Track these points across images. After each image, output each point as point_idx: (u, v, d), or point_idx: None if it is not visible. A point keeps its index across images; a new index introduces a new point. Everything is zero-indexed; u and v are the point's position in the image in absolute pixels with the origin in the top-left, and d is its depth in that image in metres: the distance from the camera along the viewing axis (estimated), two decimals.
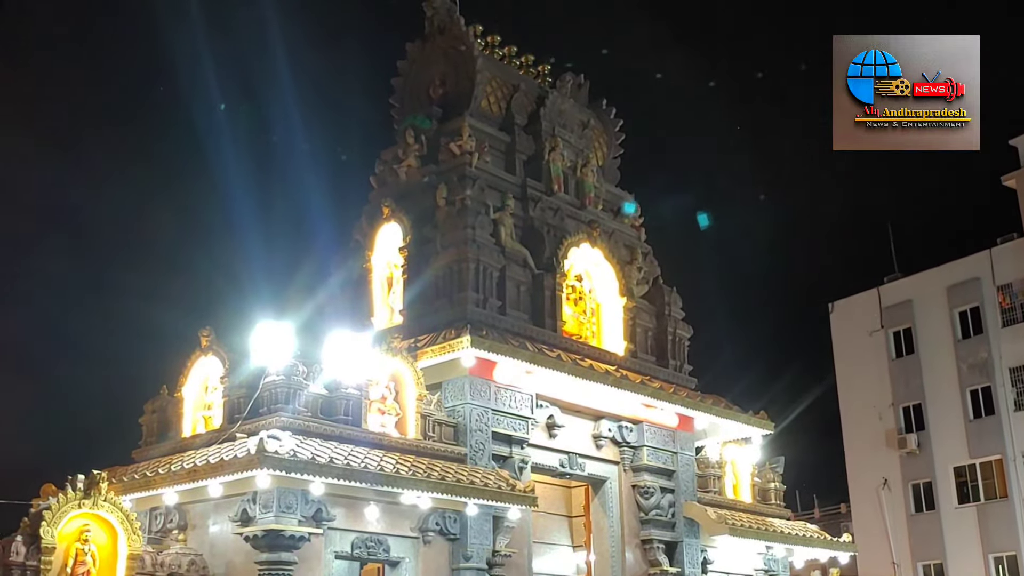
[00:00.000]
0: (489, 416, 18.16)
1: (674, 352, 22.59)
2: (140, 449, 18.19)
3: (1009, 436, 36.22)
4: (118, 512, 14.10)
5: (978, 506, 36.72)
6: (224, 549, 15.55)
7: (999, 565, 35.78)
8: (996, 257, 37.66)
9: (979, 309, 37.84)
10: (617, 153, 24.77)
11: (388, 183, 21.80)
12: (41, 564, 13.26)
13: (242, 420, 15.87)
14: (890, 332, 40.35)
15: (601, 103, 24.51)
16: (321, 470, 14.57)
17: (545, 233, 20.93)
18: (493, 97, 22.30)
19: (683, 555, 21.18)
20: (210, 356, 17.44)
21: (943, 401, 38.19)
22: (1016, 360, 36.56)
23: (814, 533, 24.87)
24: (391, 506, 16.14)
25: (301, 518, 14.90)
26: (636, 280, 22.48)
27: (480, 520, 17.19)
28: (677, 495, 21.38)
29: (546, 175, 21.86)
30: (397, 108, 23.08)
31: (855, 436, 40.89)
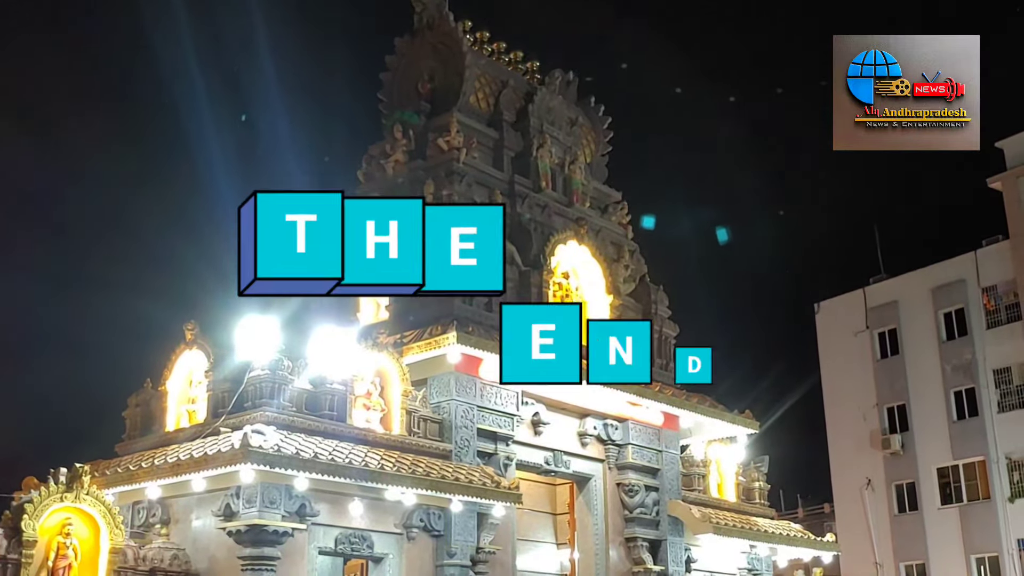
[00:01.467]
0: (474, 413, 18.14)
1: (660, 351, 22.59)
2: (123, 443, 18.09)
3: (992, 438, 36.35)
4: (100, 506, 14.04)
5: (961, 507, 36.86)
6: (207, 544, 15.49)
7: (981, 566, 35.93)
8: (981, 259, 37.79)
9: (964, 311, 37.97)
10: (605, 150, 24.77)
11: (375, 178, 21.74)
12: (22, 557, 13.19)
13: (226, 414, 15.79)
14: (875, 333, 40.46)
15: (589, 100, 24.50)
16: (305, 465, 14.52)
17: (532, 230, 20.91)
18: (482, 93, 22.28)
19: (667, 553, 21.20)
20: (195, 350, 17.35)
21: (927, 402, 38.31)
22: (1000, 362, 36.70)
23: (798, 532, 24.92)
24: (375, 502, 16.10)
25: (285, 513, 14.85)
26: (623, 278, 22.49)
27: (464, 517, 17.16)
28: (662, 493, 21.40)
29: (534, 172, 21.85)
30: (385, 103, 23.01)
31: (839, 436, 40.99)
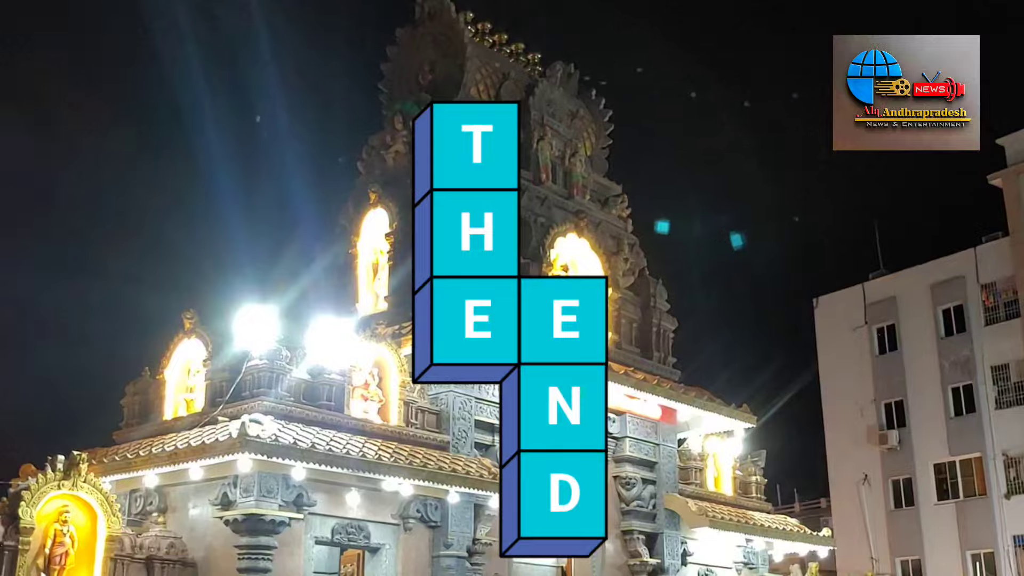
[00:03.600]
0: (472, 404, 18.15)
1: (658, 344, 22.60)
2: (121, 431, 18.10)
3: (989, 434, 36.38)
4: (98, 494, 14.04)
5: (957, 503, 36.89)
6: (204, 532, 15.51)
7: (977, 562, 35.99)
8: (981, 256, 37.77)
9: (963, 307, 37.96)
10: (606, 143, 24.72)
11: (375, 169, 21.73)
12: (19, 544, 13.20)
13: (224, 404, 15.81)
14: (874, 328, 40.46)
15: (591, 93, 24.46)
16: (303, 455, 14.53)
17: (532, 222, 20.89)
18: (482, 84, 22.23)
19: (663, 546, 21.22)
20: (193, 339, 17.36)
21: (925, 398, 38.33)
22: (998, 359, 36.71)
23: (794, 527, 24.95)
24: (372, 492, 16.11)
25: (282, 503, 14.86)
26: (622, 271, 22.47)
27: (461, 508, 17.18)
28: (658, 487, 21.42)
29: (534, 164, 21.82)
30: (385, 94, 22.98)
31: (836, 431, 41.01)
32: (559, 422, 7.47)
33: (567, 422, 7.49)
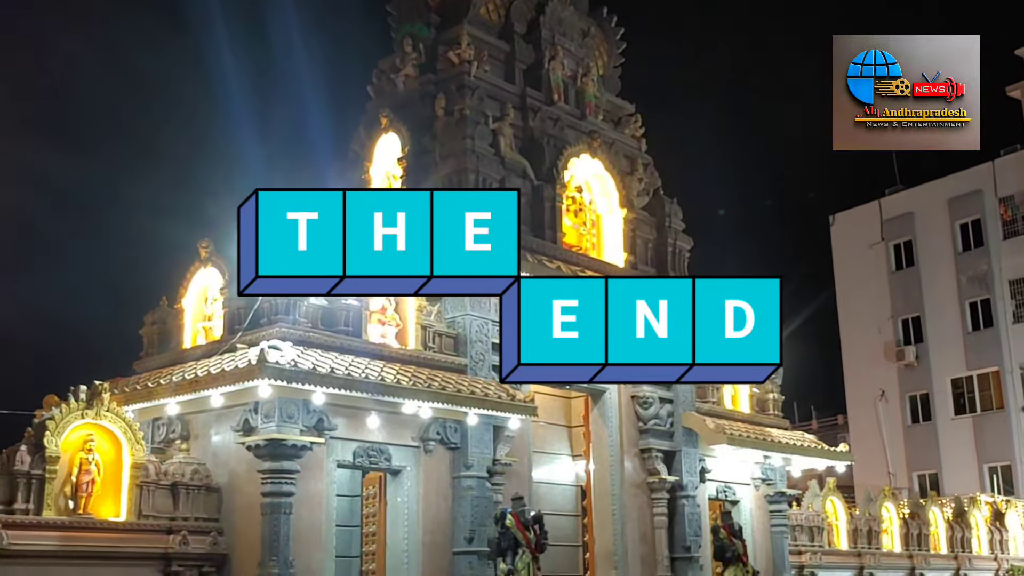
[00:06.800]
0: (489, 327, 18.18)
1: (674, 264, 22.55)
2: (141, 360, 18.23)
3: (1007, 348, 36.43)
4: (121, 422, 14.20)
5: (974, 417, 37.09)
6: (227, 458, 15.68)
7: (993, 474, 36.27)
8: (998, 169, 37.48)
9: (980, 221, 37.79)
10: (618, 62, 24.40)
11: (386, 93, 21.54)
12: (46, 473, 13.39)
13: (242, 331, 15.88)
14: (890, 244, 40.35)
15: (602, 11, 24.08)
16: (322, 380, 14.62)
17: (545, 143, 20.74)
18: (492, 4, 21.91)
19: (681, 464, 21.38)
20: (209, 267, 17.37)
21: (942, 313, 38.32)
22: (1016, 273, 36.61)
23: (811, 443, 25.08)
24: (392, 416, 16.24)
25: (303, 428, 14.99)
26: (636, 191, 22.34)
27: (480, 430, 17.31)
28: (676, 405, 21.51)
29: (546, 85, 21.59)
30: (394, 16, 22.64)
31: (854, 348, 41.11)
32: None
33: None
